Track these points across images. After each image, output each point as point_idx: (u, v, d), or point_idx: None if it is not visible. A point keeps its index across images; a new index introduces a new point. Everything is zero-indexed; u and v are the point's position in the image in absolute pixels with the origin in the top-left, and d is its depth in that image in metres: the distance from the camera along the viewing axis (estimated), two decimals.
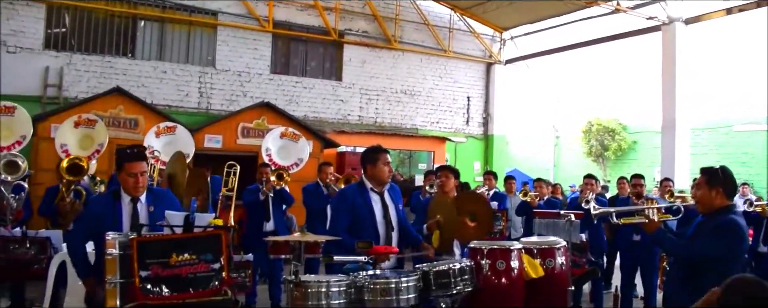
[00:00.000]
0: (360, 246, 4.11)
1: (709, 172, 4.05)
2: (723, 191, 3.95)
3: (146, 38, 14.45)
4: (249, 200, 7.86)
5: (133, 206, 4.18)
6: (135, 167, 4.16)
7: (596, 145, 20.70)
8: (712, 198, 3.96)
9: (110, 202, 4.20)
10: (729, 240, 3.84)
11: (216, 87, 14.81)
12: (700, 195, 4.05)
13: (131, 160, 4.18)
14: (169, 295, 3.27)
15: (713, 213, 3.97)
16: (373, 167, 4.89)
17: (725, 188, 3.97)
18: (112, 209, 4.15)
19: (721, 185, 3.96)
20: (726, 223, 3.86)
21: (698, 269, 3.89)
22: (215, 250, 3.38)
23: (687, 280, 3.95)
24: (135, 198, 4.20)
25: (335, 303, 3.82)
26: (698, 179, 4.14)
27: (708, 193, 3.98)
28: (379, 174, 4.87)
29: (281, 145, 9.84)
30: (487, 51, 18.83)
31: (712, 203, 3.97)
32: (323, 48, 16.63)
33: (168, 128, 8.93)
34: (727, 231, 3.85)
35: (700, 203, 4.07)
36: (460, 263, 4.16)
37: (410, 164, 18.01)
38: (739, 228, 3.87)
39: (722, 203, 3.96)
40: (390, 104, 17.18)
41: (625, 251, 7.89)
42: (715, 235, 3.87)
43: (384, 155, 4.94)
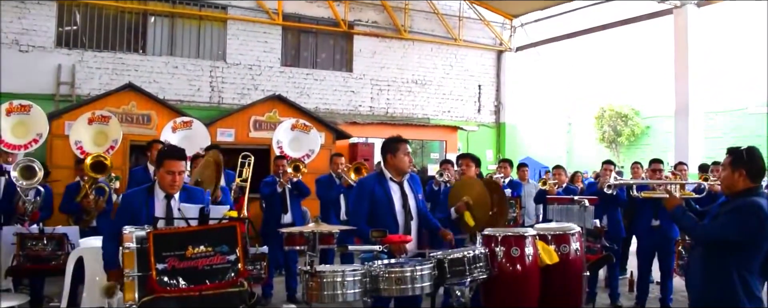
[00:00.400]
0: (374, 235, 4.14)
1: (734, 153, 3.92)
2: (746, 173, 3.81)
3: (157, 34, 14.50)
4: (266, 192, 7.91)
5: (167, 203, 4.23)
6: (174, 165, 4.22)
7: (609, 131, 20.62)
8: (735, 180, 3.84)
9: (144, 198, 4.26)
10: (747, 222, 3.68)
11: (227, 81, 14.86)
12: (724, 176, 3.94)
13: (172, 158, 4.25)
14: (185, 287, 3.30)
15: (736, 195, 3.86)
16: (393, 157, 4.93)
17: (749, 170, 3.82)
18: (146, 205, 4.20)
19: (744, 166, 3.82)
20: (745, 205, 3.73)
21: (718, 252, 3.78)
22: (231, 242, 3.40)
23: (707, 264, 3.85)
24: (169, 195, 4.25)
25: (350, 293, 3.85)
26: (725, 158, 3.99)
27: (731, 174, 3.86)
28: (400, 164, 4.92)
29: (293, 137, 9.89)
30: (497, 39, 18.74)
31: (734, 184, 3.85)
32: (333, 39, 16.62)
33: (185, 123, 9.01)
34: (746, 213, 3.70)
35: (723, 185, 3.97)
36: (475, 250, 4.16)
37: (422, 154, 18.01)
38: (761, 210, 3.67)
39: (746, 185, 3.82)
40: (401, 94, 17.15)
41: (643, 236, 7.83)
42: (733, 217, 3.74)
43: (404, 145, 4.99)
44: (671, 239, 7.32)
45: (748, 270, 3.72)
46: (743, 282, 3.70)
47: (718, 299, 3.76)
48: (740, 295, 3.69)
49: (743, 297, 3.68)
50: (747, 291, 3.69)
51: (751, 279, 3.72)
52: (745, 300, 3.68)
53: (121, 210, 4.32)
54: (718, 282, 3.76)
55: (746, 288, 3.70)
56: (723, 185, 3.97)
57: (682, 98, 14.09)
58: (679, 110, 14.18)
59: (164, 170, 4.19)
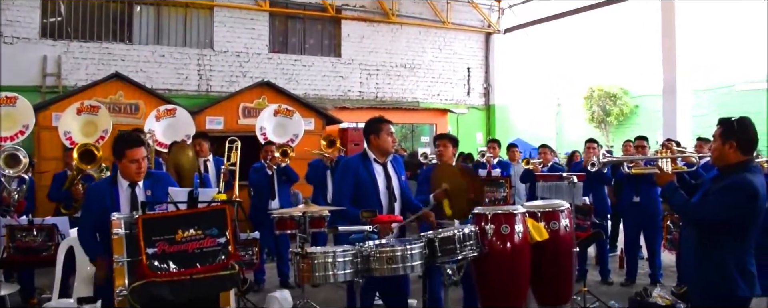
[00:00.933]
0: (364, 215, 4.14)
1: (725, 123, 3.76)
2: (737, 145, 3.65)
3: (143, 23, 14.39)
4: (255, 178, 7.91)
5: (132, 191, 4.21)
6: (136, 153, 4.16)
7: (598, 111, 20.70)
8: (726, 152, 3.68)
9: (107, 188, 4.24)
10: (737, 201, 3.54)
11: (215, 69, 14.78)
12: (714, 148, 3.79)
13: (132, 146, 4.17)
14: (176, 271, 3.30)
15: (728, 169, 3.71)
16: (377, 138, 4.91)
17: (740, 141, 3.66)
18: (110, 195, 4.17)
19: (735, 138, 3.66)
20: (735, 183, 3.58)
21: (711, 231, 3.67)
22: (220, 224, 3.40)
23: (700, 241, 3.73)
24: (133, 183, 4.22)
25: (342, 273, 3.87)
26: (716, 129, 3.81)
27: (721, 146, 3.70)
28: (384, 144, 4.90)
29: (277, 122, 9.86)
30: (485, 21, 18.70)
31: (726, 157, 3.70)
32: (321, 25, 16.54)
33: (168, 111, 8.95)
34: (736, 191, 3.56)
35: (713, 157, 3.81)
36: (465, 229, 4.17)
37: (413, 138, 18.03)
38: (750, 188, 3.53)
39: (737, 158, 3.67)
40: (390, 78, 17.12)
41: (626, 213, 7.92)
42: (723, 196, 3.59)
43: (387, 125, 4.96)
44: (654, 214, 7.41)
45: (741, 248, 3.62)
46: (738, 260, 3.60)
47: (714, 283, 3.65)
48: (736, 277, 3.58)
49: (738, 278, 3.58)
50: (741, 270, 3.59)
51: (745, 256, 3.62)
52: (740, 280, 3.58)
53: (86, 203, 4.32)
54: (712, 262, 3.64)
55: (741, 266, 3.59)
56: (714, 158, 3.80)
57: (669, 77, 14.13)
58: (667, 88, 14.22)
59: (127, 160, 4.13)
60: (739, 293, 3.59)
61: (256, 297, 7.02)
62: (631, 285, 7.57)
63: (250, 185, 8.13)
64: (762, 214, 3.66)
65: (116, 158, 4.23)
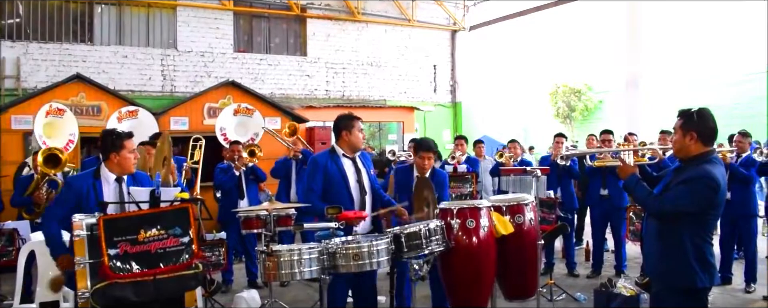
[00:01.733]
0: (330, 212, 4.13)
1: (685, 115, 3.73)
2: (697, 136, 3.64)
3: (104, 23, 14.17)
4: (222, 178, 7.83)
5: (119, 186, 4.14)
6: (133, 143, 4.22)
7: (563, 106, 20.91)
8: (687, 143, 3.67)
9: (90, 182, 4.15)
10: (699, 193, 3.55)
11: (179, 69, 14.63)
12: (675, 140, 3.77)
13: (129, 137, 4.23)
14: (139, 271, 3.26)
15: (689, 160, 3.70)
16: (349, 134, 4.94)
17: (700, 132, 3.65)
18: (93, 189, 4.09)
19: (695, 128, 3.65)
20: (696, 176, 3.57)
21: (672, 222, 3.67)
22: (183, 224, 3.36)
23: (661, 231, 3.75)
24: (120, 178, 4.17)
25: (308, 270, 3.85)
26: (676, 121, 3.79)
27: (682, 138, 3.69)
28: (356, 140, 4.95)
29: (238, 122, 9.78)
30: (451, 18, 18.79)
31: (687, 148, 3.69)
32: (286, 24, 16.47)
33: (130, 112, 8.81)
34: (697, 183, 3.55)
35: (675, 149, 3.78)
36: (431, 223, 4.19)
37: (380, 136, 18.03)
38: (710, 180, 3.53)
39: (698, 149, 3.66)
40: (356, 76, 17.12)
41: (594, 206, 8.04)
42: (685, 189, 3.58)
43: (358, 121, 5.01)
44: (621, 207, 7.52)
45: (701, 238, 3.65)
46: (697, 251, 3.63)
47: (674, 271, 3.69)
48: (694, 267, 3.62)
49: (697, 268, 3.62)
50: (700, 260, 3.63)
51: (704, 247, 3.65)
52: (699, 269, 3.62)
53: (64, 194, 4.19)
54: (672, 252, 3.69)
55: (700, 256, 3.63)
56: (675, 149, 3.79)
57: (632, 72, 14.39)
58: (630, 83, 14.47)
59: (127, 151, 4.13)
60: (698, 283, 3.64)
61: (224, 297, 6.96)
62: (597, 277, 7.67)
63: (218, 185, 8.03)
64: (722, 205, 3.69)
65: (111, 151, 4.16)
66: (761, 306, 6.55)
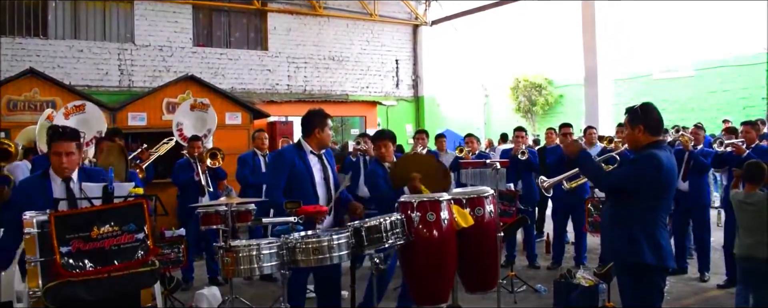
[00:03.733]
0: (288, 206, 4.09)
1: (631, 111, 4.04)
2: (645, 128, 3.94)
3: (59, 17, 13.83)
4: (181, 177, 7.70)
5: (67, 186, 4.02)
6: (60, 146, 3.98)
7: (524, 101, 21.15)
8: (636, 136, 3.97)
9: (40, 183, 4.02)
10: (643, 170, 3.83)
11: (137, 63, 14.36)
12: (626, 135, 4.09)
13: (58, 139, 4.00)
14: (93, 269, 3.17)
15: (640, 150, 3.98)
16: (321, 131, 4.93)
17: (647, 124, 3.95)
18: (42, 190, 3.98)
19: (641, 122, 3.95)
20: (643, 156, 3.87)
21: (623, 204, 3.92)
22: (138, 219, 3.29)
23: (613, 211, 4.01)
24: (67, 178, 4.05)
25: (267, 266, 3.82)
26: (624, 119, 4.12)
27: (632, 132, 4.00)
28: (326, 138, 4.97)
29: (195, 117, 9.63)
30: (412, 13, 18.82)
31: (637, 141, 3.99)
32: (246, 18, 16.29)
33: (77, 107, 8.53)
34: (643, 162, 3.85)
35: (627, 143, 4.09)
36: (391, 217, 4.18)
37: (343, 131, 17.99)
38: (654, 159, 3.81)
39: (647, 140, 3.95)
40: (318, 71, 17.03)
41: (557, 199, 8.12)
42: (631, 167, 3.95)
43: (330, 119, 4.99)
44: (582, 200, 7.61)
45: (651, 219, 3.86)
46: (645, 230, 3.84)
47: (623, 249, 3.91)
48: (643, 246, 3.81)
49: (644, 245, 3.82)
50: (648, 238, 3.83)
51: (655, 229, 3.85)
52: (646, 246, 3.82)
53: (15, 199, 4.08)
54: (621, 230, 3.92)
55: (648, 236, 3.83)
56: (628, 143, 4.07)
57: (590, 67, 14.59)
58: (589, 78, 14.67)
59: (52, 152, 3.98)
60: (645, 259, 3.82)
61: (184, 295, 6.87)
62: (558, 269, 7.78)
63: (175, 182, 7.90)
64: (669, 186, 3.96)
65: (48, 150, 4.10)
66: (715, 294, 6.72)
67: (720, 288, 6.81)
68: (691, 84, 16.92)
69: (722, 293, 6.69)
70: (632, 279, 3.90)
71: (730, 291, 6.69)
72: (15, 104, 10.95)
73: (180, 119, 9.35)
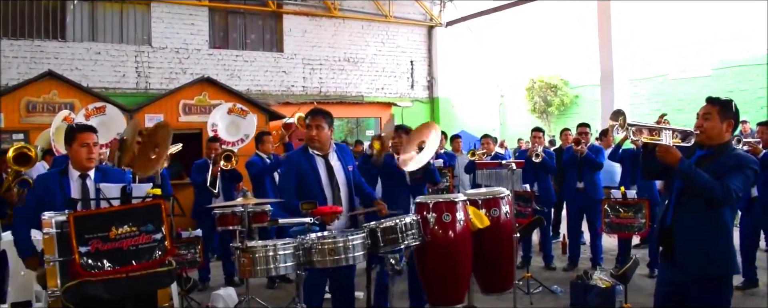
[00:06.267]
0: (304, 207, 4.10)
1: (722, 102, 3.71)
2: (733, 125, 3.70)
3: (77, 19, 13.96)
4: (197, 178, 7.76)
5: (83, 182, 4.08)
6: (88, 136, 4.11)
7: (539, 102, 21.06)
8: (723, 131, 3.67)
9: (58, 179, 4.10)
10: (749, 177, 3.59)
11: (154, 65, 14.47)
12: (711, 126, 3.67)
13: (83, 130, 4.15)
14: (111, 269, 3.21)
15: (719, 148, 3.69)
16: None
17: (736, 122, 3.73)
18: (60, 186, 4.04)
19: (733, 118, 3.70)
20: (744, 160, 3.61)
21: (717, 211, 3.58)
22: (156, 220, 3.32)
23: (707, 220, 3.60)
24: (84, 174, 4.10)
25: (283, 266, 3.83)
26: (705, 108, 3.73)
27: (720, 125, 3.66)
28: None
29: (229, 121, 9.71)
30: (427, 14, 18.80)
31: (721, 136, 3.68)
32: (262, 20, 16.35)
33: (97, 109, 8.64)
34: (746, 168, 3.58)
35: (707, 135, 3.69)
36: (407, 218, 4.18)
37: (358, 132, 18.02)
38: (755, 164, 3.64)
39: (728, 137, 3.71)
40: (334, 72, 17.07)
41: (570, 199, 8.10)
42: (739, 173, 3.55)
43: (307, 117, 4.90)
44: (597, 200, 7.59)
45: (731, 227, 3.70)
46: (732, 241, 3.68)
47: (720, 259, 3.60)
48: (735, 256, 3.69)
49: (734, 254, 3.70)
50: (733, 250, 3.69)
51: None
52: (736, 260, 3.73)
53: (33, 192, 4.15)
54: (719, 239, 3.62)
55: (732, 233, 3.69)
56: (710, 136, 3.68)
57: (606, 67, 14.51)
58: (605, 78, 14.59)
59: (78, 144, 4.07)
60: (737, 270, 3.71)
61: (201, 295, 6.91)
62: (574, 270, 7.74)
63: (192, 183, 7.96)
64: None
65: (67, 145, 4.16)
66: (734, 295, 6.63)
67: (738, 290, 6.74)
68: (708, 84, 16.74)
69: (740, 294, 6.62)
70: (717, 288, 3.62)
71: (749, 293, 6.64)
72: (34, 106, 11.06)
73: (215, 120, 9.44)
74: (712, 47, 16.82)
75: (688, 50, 17.44)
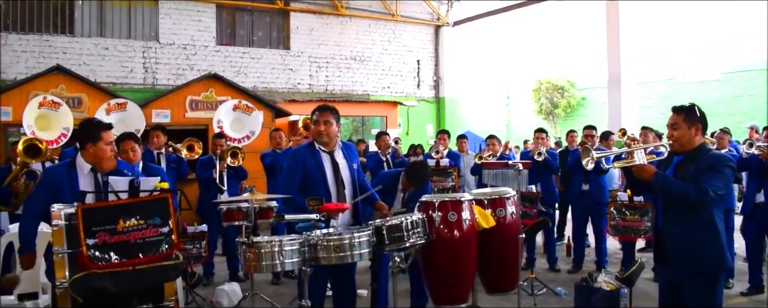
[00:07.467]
0: (311, 203, 4.10)
1: (686, 109, 3.85)
2: (700, 128, 3.80)
3: (85, 14, 14.01)
4: (203, 174, 7.78)
5: (95, 176, 4.07)
6: (111, 135, 4.11)
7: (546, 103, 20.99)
8: (692, 136, 3.79)
9: (66, 172, 4.07)
10: (726, 175, 3.72)
11: (161, 61, 14.51)
12: (679, 135, 3.82)
13: (108, 129, 4.12)
14: (118, 262, 3.22)
15: (693, 152, 3.81)
16: None
17: (703, 124, 3.82)
18: (69, 179, 4.03)
19: (699, 121, 3.80)
20: (717, 160, 3.74)
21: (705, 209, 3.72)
22: (163, 213, 3.33)
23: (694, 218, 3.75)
24: (95, 168, 4.10)
25: (289, 262, 3.83)
26: (671, 118, 3.89)
27: (687, 131, 3.79)
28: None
29: (234, 118, 9.73)
30: (434, 14, 18.81)
31: (692, 141, 3.80)
32: (269, 17, 16.38)
33: (119, 104, 8.74)
34: (721, 166, 3.71)
35: (679, 143, 3.83)
36: (413, 216, 4.18)
37: (363, 131, 18.03)
38: (729, 161, 3.78)
39: (699, 141, 3.81)
40: (340, 70, 17.09)
41: (575, 202, 8.09)
42: (713, 174, 3.68)
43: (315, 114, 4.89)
44: (601, 203, 7.57)
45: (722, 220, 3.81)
46: (723, 237, 3.76)
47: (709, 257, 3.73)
48: (726, 252, 3.78)
49: (727, 253, 3.82)
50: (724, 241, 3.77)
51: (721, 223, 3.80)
52: (728, 255, 3.84)
53: (42, 184, 4.12)
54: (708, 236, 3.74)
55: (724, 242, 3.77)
56: (679, 144, 3.84)
57: (614, 69, 14.50)
58: (612, 80, 14.57)
59: (104, 143, 4.01)
60: (729, 264, 3.84)
61: (205, 290, 6.93)
62: (578, 272, 7.72)
63: (198, 179, 7.98)
64: None
65: (88, 141, 4.06)
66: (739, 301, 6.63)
67: (743, 296, 6.73)
68: (716, 88, 16.67)
69: (746, 300, 6.60)
70: (708, 284, 3.74)
71: (755, 299, 6.62)
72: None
73: (221, 116, 9.47)
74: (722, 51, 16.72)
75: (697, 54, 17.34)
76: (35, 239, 4.10)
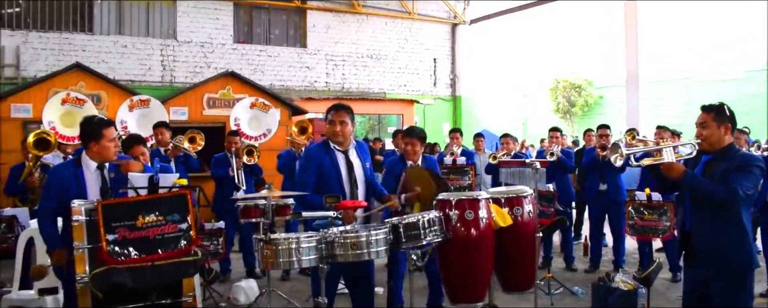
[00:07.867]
0: (328, 201, 4.11)
1: (715, 108, 3.84)
2: (730, 128, 3.80)
3: (104, 13, 14.15)
4: (218, 171, 7.82)
5: (101, 173, 4.12)
6: (113, 132, 4.15)
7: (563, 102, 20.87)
8: (722, 135, 3.78)
9: (72, 170, 4.11)
10: (755, 175, 3.69)
11: (179, 59, 14.61)
12: (709, 133, 3.81)
13: (109, 126, 4.16)
14: (137, 257, 3.26)
15: (722, 151, 3.80)
16: None
17: (733, 124, 3.82)
18: (75, 177, 4.07)
19: (729, 121, 3.80)
20: (746, 160, 3.74)
21: (732, 210, 3.71)
22: (182, 210, 3.36)
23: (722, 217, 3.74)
24: (101, 165, 4.14)
25: (306, 259, 3.84)
26: (700, 117, 3.87)
27: (717, 130, 3.78)
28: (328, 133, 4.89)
29: (251, 115, 9.78)
30: (451, 12, 18.77)
31: (721, 140, 3.79)
32: (286, 15, 16.44)
33: (142, 101, 8.85)
34: (750, 166, 3.70)
35: (708, 142, 3.82)
36: (430, 214, 4.17)
37: (379, 129, 18.03)
38: (759, 160, 3.76)
39: (729, 140, 3.80)
40: (356, 68, 17.11)
41: (592, 201, 8.04)
42: (741, 174, 3.67)
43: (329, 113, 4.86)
44: (619, 202, 7.51)
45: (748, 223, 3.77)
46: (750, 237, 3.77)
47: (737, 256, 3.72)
48: (753, 252, 3.78)
49: (753, 249, 3.79)
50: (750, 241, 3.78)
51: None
52: (755, 254, 3.82)
53: (48, 185, 4.17)
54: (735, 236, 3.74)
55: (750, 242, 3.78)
56: (710, 142, 3.82)
57: (632, 68, 14.39)
58: (630, 79, 14.47)
59: (106, 140, 4.06)
60: (757, 264, 3.80)
61: (222, 287, 6.96)
62: (595, 272, 7.67)
63: (213, 177, 8.02)
64: None
65: (91, 139, 4.11)
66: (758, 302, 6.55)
67: (762, 297, 6.65)
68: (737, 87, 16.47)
69: (765, 301, 6.53)
70: (737, 283, 3.74)
71: None
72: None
73: (238, 114, 9.51)
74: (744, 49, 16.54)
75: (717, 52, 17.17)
76: (58, 235, 4.14)
